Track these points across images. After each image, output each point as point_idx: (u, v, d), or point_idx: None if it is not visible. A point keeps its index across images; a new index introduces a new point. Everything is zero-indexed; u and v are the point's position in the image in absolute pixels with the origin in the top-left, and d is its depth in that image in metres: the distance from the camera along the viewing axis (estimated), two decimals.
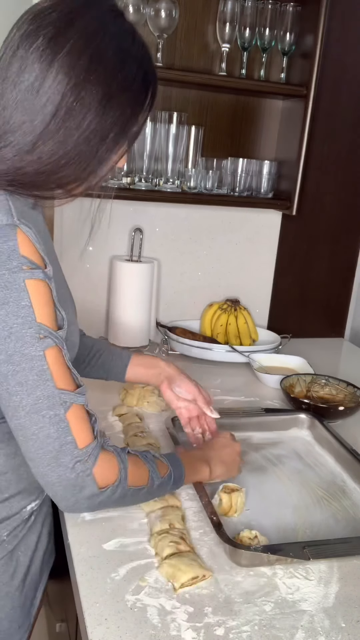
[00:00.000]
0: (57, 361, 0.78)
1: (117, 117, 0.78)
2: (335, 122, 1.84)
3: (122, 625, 0.76)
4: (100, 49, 0.75)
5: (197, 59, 1.66)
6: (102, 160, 0.80)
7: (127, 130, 0.80)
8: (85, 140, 0.76)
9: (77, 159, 0.77)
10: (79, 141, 0.76)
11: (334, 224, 1.95)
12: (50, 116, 0.74)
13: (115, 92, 0.77)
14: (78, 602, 0.82)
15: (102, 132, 0.77)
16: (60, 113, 0.74)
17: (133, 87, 0.79)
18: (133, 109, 0.80)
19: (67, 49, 0.73)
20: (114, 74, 0.76)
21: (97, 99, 0.75)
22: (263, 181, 1.75)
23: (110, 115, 0.77)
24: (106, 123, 0.77)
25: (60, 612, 1.20)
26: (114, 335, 1.69)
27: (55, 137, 0.75)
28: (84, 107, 0.75)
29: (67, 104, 0.74)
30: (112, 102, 0.77)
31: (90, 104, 0.75)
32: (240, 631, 0.77)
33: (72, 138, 0.76)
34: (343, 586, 0.87)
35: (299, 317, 2.01)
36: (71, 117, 0.75)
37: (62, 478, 0.79)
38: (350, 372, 1.70)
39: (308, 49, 1.60)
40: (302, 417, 1.34)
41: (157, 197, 1.64)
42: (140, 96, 0.80)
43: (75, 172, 0.79)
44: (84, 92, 0.74)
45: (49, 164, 0.76)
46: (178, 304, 1.88)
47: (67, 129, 0.75)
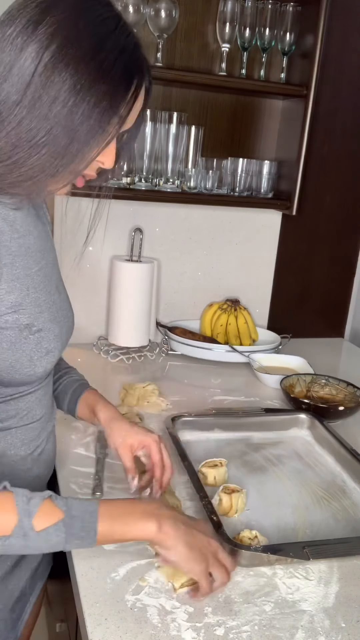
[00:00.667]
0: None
1: (90, 109, 0.71)
2: (335, 122, 1.84)
3: (122, 625, 0.76)
4: (77, 32, 0.70)
5: (197, 59, 1.66)
6: (74, 155, 0.73)
7: (103, 125, 0.73)
8: (50, 131, 0.70)
9: (43, 151, 0.71)
10: (44, 132, 0.70)
11: (334, 224, 1.95)
12: (16, 102, 0.69)
13: (87, 81, 0.70)
14: (78, 602, 0.82)
15: (71, 123, 0.71)
16: (26, 98, 0.69)
17: (110, 76, 0.71)
18: (111, 101, 0.72)
19: (42, 30, 0.69)
20: (86, 61, 0.70)
21: (66, 86, 0.69)
22: (263, 181, 1.75)
23: (82, 106, 0.70)
24: (77, 114, 0.70)
25: (60, 612, 1.20)
26: (114, 335, 1.69)
27: (19, 125, 0.70)
28: (52, 93, 0.69)
29: (35, 89, 0.69)
30: (84, 91, 0.70)
31: (58, 91, 0.69)
32: (240, 631, 0.77)
33: (38, 128, 0.70)
34: (343, 586, 0.87)
35: (299, 317, 2.01)
36: (38, 104, 0.69)
37: None
38: (350, 372, 1.70)
39: (308, 49, 1.60)
40: (302, 417, 1.34)
41: (157, 197, 1.64)
42: (120, 86, 0.73)
43: (41, 164, 0.72)
44: (53, 77, 0.69)
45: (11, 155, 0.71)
46: (178, 304, 1.88)
47: (33, 117, 0.70)
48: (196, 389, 1.52)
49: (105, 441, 1.20)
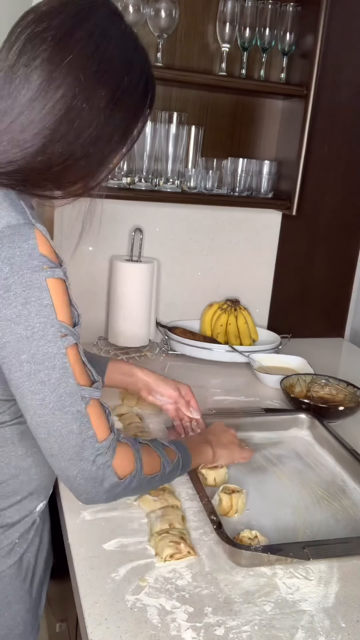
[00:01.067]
0: (76, 358, 0.79)
1: (121, 120, 0.80)
2: (335, 122, 1.83)
3: (122, 625, 0.76)
4: (108, 52, 0.77)
5: (197, 59, 1.66)
6: (104, 161, 0.81)
7: (130, 132, 0.82)
8: (92, 142, 0.78)
9: (84, 160, 0.78)
10: (87, 143, 0.77)
11: (334, 224, 1.95)
12: (61, 116, 0.75)
13: (121, 95, 0.78)
14: (78, 602, 0.82)
15: (108, 134, 0.79)
16: (70, 114, 0.75)
17: (137, 90, 0.81)
18: (136, 112, 0.82)
19: (76, 51, 0.74)
20: (121, 78, 0.78)
21: (105, 102, 0.77)
22: (263, 181, 1.75)
23: (116, 118, 0.79)
24: (112, 125, 0.79)
25: (60, 612, 1.20)
26: (114, 335, 1.69)
27: (65, 138, 0.76)
28: (93, 109, 0.76)
29: (78, 105, 0.75)
30: (118, 105, 0.78)
31: (99, 106, 0.76)
32: (240, 631, 0.77)
33: (80, 140, 0.77)
34: (343, 586, 0.87)
35: (299, 317, 2.01)
36: (81, 119, 0.76)
37: (84, 471, 0.80)
38: (350, 372, 1.70)
39: (308, 49, 1.60)
40: (302, 417, 1.34)
41: (157, 197, 1.64)
42: (143, 100, 0.83)
43: (80, 173, 0.80)
44: (93, 94, 0.76)
45: (57, 165, 0.77)
46: (178, 304, 1.88)
47: (77, 130, 0.76)
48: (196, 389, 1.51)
49: None
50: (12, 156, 0.76)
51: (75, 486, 0.82)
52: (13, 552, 0.91)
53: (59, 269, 0.77)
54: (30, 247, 0.74)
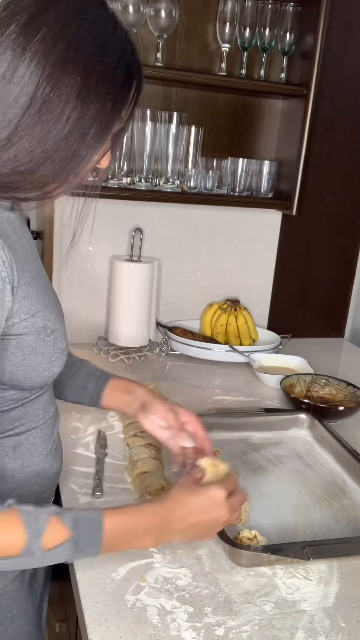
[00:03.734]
0: None
1: (97, 112, 0.71)
2: (335, 122, 1.83)
3: (122, 625, 0.76)
4: (78, 37, 0.69)
5: (197, 59, 1.66)
6: (82, 159, 0.74)
7: (110, 126, 0.74)
8: (64, 137, 0.70)
9: (56, 157, 0.71)
10: (58, 138, 0.70)
11: (334, 224, 1.95)
12: (24, 108, 0.68)
13: (94, 84, 0.70)
14: (78, 602, 0.81)
15: (82, 127, 0.71)
16: (35, 105, 0.68)
17: (114, 79, 0.72)
18: (114, 103, 0.73)
19: (41, 35, 0.67)
20: (93, 64, 0.70)
21: (75, 91, 0.69)
22: (263, 181, 1.75)
23: (90, 109, 0.71)
24: (85, 118, 0.71)
25: (60, 612, 1.20)
26: (114, 335, 1.69)
27: (31, 132, 0.69)
28: (61, 99, 0.69)
29: (43, 95, 0.68)
30: (91, 94, 0.70)
31: (67, 96, 0.69)
32: (240, 631, 0.77)
33: (50, 134, 0.70)
34: (343, 586, 0.87)
35: (299, 317, 2.01)
36: (47, 110, 0.68)
37: None
38: (350, 372, 1.70)
39: (308, 49, 1.60)
40: (302, 417, 1.34)
41: (157, 197, 1.64)
42: (123, 89, 0.74)
43: (53, 171, 0.73)
44: (61, 82, 0.68)
45: (25, 163, 0.71)
46: (178, 304, 1.88)
47: (44, 123, 0.69)
48: (196, 389, 1.52)
49: (105, 441, 1.20)
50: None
51: None
52: None
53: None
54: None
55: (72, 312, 1.10)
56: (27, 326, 0.79)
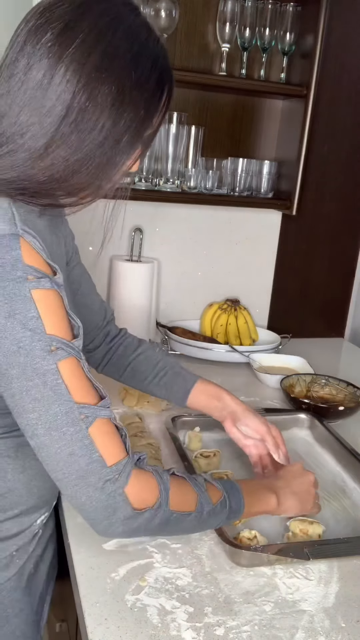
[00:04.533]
0: (73, 373, 0.72)
1: (131, 120, 0.73)
2: (335, 122, 1.83)
3: (122, 625, 0.76)
4: (113, 45, 0.70)
5: (197, 59, 1.66)
6: (115, 165, 0.75)
7: (142, 133, 0.75)
8: (99, 144, 0.72)
9: (91, 164, 0.72)
10: (93, 145, 0.71)
11: (334, 224, 1.95)
12: (61, 117, 0.69)
13: (129, 92, 0.71)
14: (78, 602, 0.81)
15: (116, 134, 0.72)
16: (71, 114, 0.69)
17: (147, 86, 0.73)
18: (147, 110, 0.75)
19: (76, 44, 0.68)
20: (127, 72, 0.71)
21: (110, 99, 0.70)
22: (263, 181, 1.75)
23: (124, 117, 0.72)
24: (120, 125, 0.72)
25: (60, 612, 1.20)
26: None
27: (67, 141, 0.70)
28: (97, 107, 0.70)
29: (79, 104, 0.69)
30: (126, 102, 0.71)
31: (103, 104, 0.70)
32: (240, 631, 0.77)
33: (85, 142, 0.71)
34: (343, 586, 0.87)
35: (299, 317, 2.01)
36: (84, 119, 0.70)
37: (92, 499, 0.73)
38: (350, 372, 1.70)
39: (308, 49, 1.60)
40: (302, 417, 1.34)
41: (157, 197, 1.64)
42: (155, 96, 0.75)
43: (88, 178, 0.74)
44: (96, 91, 0.69)
45: (61, 171, 0.72)
46: (178, 304, 1.88)
47: (80, 131, 0.70)
48: None
49: None
50: (13, 161, 0.71)
51: (86, 515, 0.75)
52: (12, 565, 0.89)
53: (47, 279, 0.71)
54: (14, 257, 0.69)
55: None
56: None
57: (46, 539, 0.96)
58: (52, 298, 0.72)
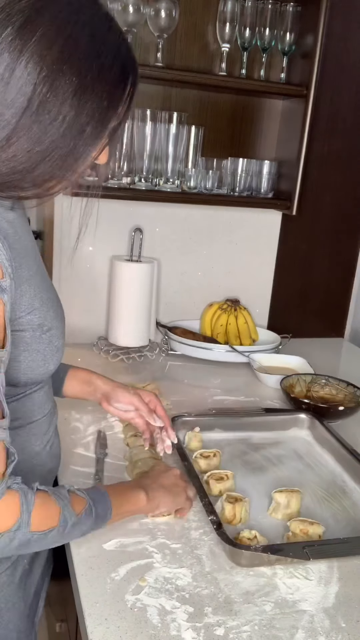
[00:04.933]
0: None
1: (93, 110, 0.73)
2: (335, 122, 1.84)
3: (122, 625, 0.76)
4: (73, 37, 0.71)
5: (197, 59, 1.66)
6: (79, 155, 0.75)
7: (106, 123, 0.76)
8: (62, 135, 0.72)
9: (54, 155, 0.73)
10: (55, 136, 0.72)
11: (334, 224, 1.95)
12: (22, 109, 0.69)
13: (90, 83, 0.72)
14: (78, 602, 0.82)
15: (79, 125, 0.73)
16: (32, 105, 0.69)
17: (109, 77, 0.74)
18: (111, 100, 0.75)
19: (37, 37, 0.69)
20: (89, 63, 0.72)
21: (71, 90, 0.71)
22: (263, 181, 1.75)
23: (87, 108, 0.72)
24: (82, 116, 0.72)
25: (60, 612, 1.20)
26: (114, 335, 1.69)
27: (29, 132, 0.70)
28: (58, 98, 0.70)
29: (40, 96, 0.69)
30: (87, 93, 0.72)
31: (64, 96, 0.70)
32: (240, 631, 0.77)
33: (48, 133, 0.71)
34: (343, 586, 0.87)
35: (299, 317, 2.01)
36: (45, 110, 0.70)
37: None
38: (350, 372, 1.70)
39: (308, 49, 1.60)
40: (302, 417, 1.34)
41: (157, 197, 1.64)
42: (118, 87, 0.76)
43: (51, 169, 0.74)
44: (57, 82, 0.70)
45: (24, 162, 0.72)
46: (178, 304, 1.88)
47: (42, 122, 0.70)
48: (196, 389, 1.52)
49: (105, 441, 1.20)
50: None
51: None
52: (5, 559, 0.88)
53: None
54: None
55: (72, 312, 1.11)
56: (23, 323, 0.80)
57: None
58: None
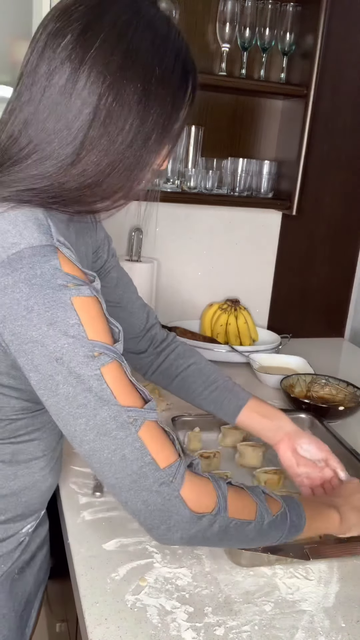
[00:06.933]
0: (117, 377, 0.70)
1: (158, 116, 0.71)
2: (335, 122, 1.84)
3: (122, 625, 0.76)
4: (135, 42, 0.68)
5: (197, 59, 1.62)
6: (146, 164, 0.73)
7: (169, 128, 0.74)
8: (129, 145, 0.70)
9: (122, 166, 0.71)
10: (123, 146, 0.70)
11: (334, 224, 1.95)
12: (89, 121, 0.68)
13: (154, 88, 0.70)
14: (78, 602, 0.82)
15: (145, 133, 0.71)
16: (99, 116, 0.68)
17: (172, 80, 0.72)
18: (174, 104, 0.73)
19: (98, 45, 0.67)
20: (152, 68, 0.69)
21: (136, 97, 0.69)
22: (263, 181, 1.75)
23: (152, 114, 0.70)
24: (148, 123, 0.70)
25: (60, 612, 1.20)
26: None
27: (98, 144, 0.69)
28: (124, 107, 0.68)
29: (106, 106, 0.67)
30: (152, 98, 0.70)
31: (130, 103, 0.68)
32: (240, 631, 0.77)
33: (116, 143, 0.69)
34: (343, 586, 0.87)
35: (299, 317, 2.01)
36: (112, 120, 0.68)
37: (147, 503, 0.71)
38: (350, 372, 1.70)
39: (308, 49, 1.60)
40: (302, 417, 1.34)
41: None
42: (181, 89, 0.74)
43: (120, 180, 0.72)
44: (122, 90, 0.68)
45: (93, 176, 0.70)
46: (178, 304, 1.88)
47: (110, 133, 0.68)
48: None
49: None
50: (44, 169, 0.69)
51: (143, 521, 0.73)
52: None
53: (86, 287, 0.69)
54: (52, 267, 0.68)
55: None
56: None
57: (36, 546, 0.94)
58: (92, 304, 0.71)
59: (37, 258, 0.67)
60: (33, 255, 0.67)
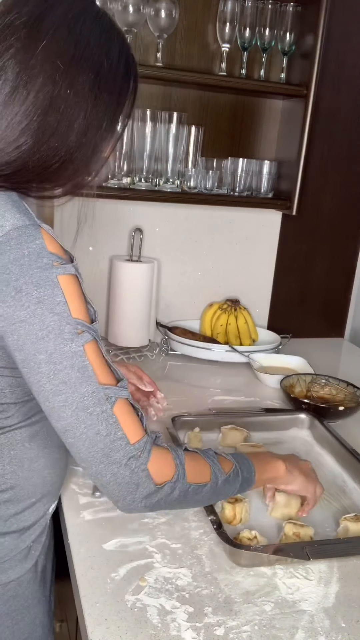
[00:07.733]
0: (96, 355, 0.76)
1: (107, 104, 0.76)
2: (335, 122, 1.84)
3: (122, 625, 0.76)
4: (84, 35, 0.73)
5: (197, 59, 1.66)
6: (100, 151, 0.78)
7: (117, 117, 0.79)
8: (84, 132, 0.74)
9: (79, 152, 0.75)
10: (79, 132, 0.74)
11: (334, 224, 1.95)
12: (47, 107, 0.71)
13: (104, 77, 0.75)
14: (78, 602, 0.82)
15: (98, 120, 0.75)
16: (56, 103, 0.71)
17: (118, 71, 0.77)
18: (120, 93, 0.78)
19: (50, 36, 0.71)
20: (100, 59, 0.74)
21: (88, 86, 0.73)
22: (263, 181, 1.75)
23: (103, 102, 0.75)
24: (99, 111, 0.75)
25: (60, 612, 1.20)
26: (114, 335, 1.69)
27: (57, 130, 0.72)
28: (78, 95, 0.72)
29: (62, 93, 0.71)
30: (102, 88, 0.74)
31: (83, 92, 0.73)
32: (240, 631, 0.77)
33: (74, 130, 0.73)
34: (343, 586, 0.87)
35: (299, 317, 2.01)
36: (68, 107, 0.72)
37: (117, 476, 0.77)
38: (350, 372, 1.70)
39: (308, 49, 1.60)
40: (302, 417, 1.34)
41: (157, 197, 1.64)
42: (126, 80, 0.79)
43: (77, 166, 0.77)
44: (75, 79, 0.72)
45: (55, 161, 0.74)
46: (178, 304, 1.88)
47: (67, 119, 0.72)
48: (196, 389, 1.52)
49: None
50: (8, 157, 0.73)
51: (109, 492, 0.79)
52: (29, 556, 0.89)
53: (70, 265, 0.74)
54: (38, 246, 0.72)
55: None
56: None
57: (51, 531, 0.97)
58: (74, 283, 0.75)
59: (23, 238, 0.71)
60: (19, 236, 0.71)
